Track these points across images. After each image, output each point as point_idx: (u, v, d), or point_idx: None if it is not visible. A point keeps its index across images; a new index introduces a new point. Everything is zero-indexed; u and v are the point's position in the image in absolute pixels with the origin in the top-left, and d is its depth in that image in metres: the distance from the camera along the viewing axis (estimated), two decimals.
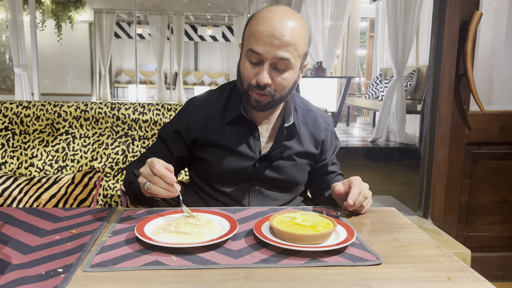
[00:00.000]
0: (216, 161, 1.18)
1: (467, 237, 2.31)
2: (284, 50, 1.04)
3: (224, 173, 1.18)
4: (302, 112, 1.26)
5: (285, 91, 1.12)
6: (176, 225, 0.87)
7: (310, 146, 1.24)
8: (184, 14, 9.45)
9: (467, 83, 2.17)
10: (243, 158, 1.18)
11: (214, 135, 1.18)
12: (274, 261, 0.78)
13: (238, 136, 1.18)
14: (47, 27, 8.88)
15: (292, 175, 1.22)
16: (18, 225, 0.93)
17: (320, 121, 1.29)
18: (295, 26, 1.06)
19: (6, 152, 1.59)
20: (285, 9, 1.09)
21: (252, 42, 1.07)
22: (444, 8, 2.21)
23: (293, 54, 1.06)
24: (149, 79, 11.17)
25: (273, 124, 1.22)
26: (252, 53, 1.07)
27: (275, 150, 1.18)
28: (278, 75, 1.08)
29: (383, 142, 5.17)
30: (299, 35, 1.06)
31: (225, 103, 1.21)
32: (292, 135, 1.21)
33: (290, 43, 1.04)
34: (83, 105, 1.62)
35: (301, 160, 1.23)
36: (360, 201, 1.02)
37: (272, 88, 1.09)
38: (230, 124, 1.18)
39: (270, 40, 1.04)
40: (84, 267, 0.74)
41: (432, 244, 0.88)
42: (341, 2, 6.08)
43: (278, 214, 0.94)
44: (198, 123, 1.20)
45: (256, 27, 1.06)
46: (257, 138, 1.19)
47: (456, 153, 2.25)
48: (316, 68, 5.57)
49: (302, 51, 1.09)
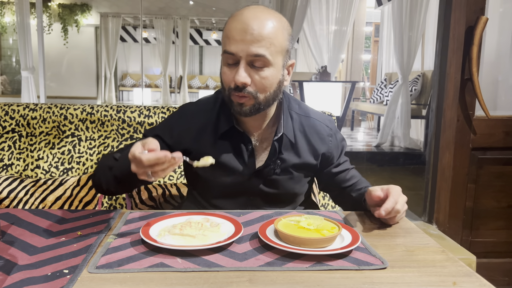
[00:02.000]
0: (211, 177, 1.14)
1: (472, 243, 2.29)
2: (258, 45, 0.99)
3: (219, 188, 1.15)
4: (299, 119, 1.18)
5: (268, 92, 1.05)
6: (181, 228, 0.87)
7: (309, 157, 1.17)
8: (190, 18, 9.49)
9: (472, 88, 2.17)
10: (237, 173, 1.13)
11: (207, 150, 1.11)
12: (279, 264, 0.78)
13: (231, 150, 1.13)
14: (54, 31, 8.95)
15: (289, 188, 1.17)
16: (24, 226, 0.94)
17: (321, 128, 1.20)
18: (269, 20, 1.02)
19: (12, 154, 1.60)
20: (259, 7, 1.05)
21: (226, 43, 1.03)
22: (449, 13, 2.21)
23: (270, 50, 1.01)
24: (154, 82, 11.22)
25: (266, 134, 1.16)
26: (227, 55, 1.03)
27: (268, 166, 1.13)
28: (256, 73, 1.02)
29: (388, 146, 5.16)
30: (274, 29, 1.01)
31: (218, 114, 1.15)
32: (288, 146, 1.15)
33: (264, 37, 1.00)
34: (89, 107, 1.63)
35: (299, 173, 1.17)
36: (391, 215, 0.98)
37: (252, 88, 1.03)
38: (223, 137, 1.13)
39: (242, 36, 1.00)
40: (90, 268, 0.74)
41: (437, 249, 0.88)
42: (346, 7, 6.10)
43: (282, 217, 0.94)
44: (191, 135, 1.15)
45: (228, 27, 1.03)
46: (250, 152, 1.13)
47: (461, 158, 2.24)
48: (320, 72, 5.57)
49: (280, 46, 1.03)
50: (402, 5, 4.65)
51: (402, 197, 1.00)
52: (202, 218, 0.95)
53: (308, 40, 6.09)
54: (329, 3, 6.26)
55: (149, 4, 9.16)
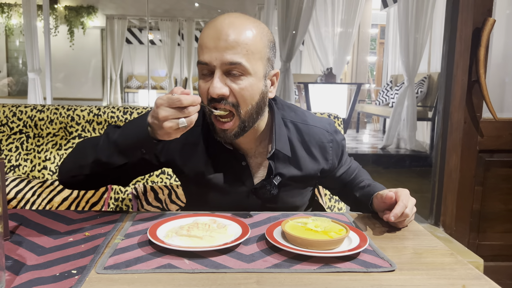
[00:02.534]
0: (207, 197, 1.10)
1: (479, 246, 2.28)
2: (232, 52, 0.91)
3: (217, 207, 1.08)
4: (296, 127, 1.11)
5: (249, 105, 0.96)
6: (188, 229, 0.87)
7: (309, 168, 1.11)
8: (195, 20, 9.52)
9: (479, 90, 2.16)
10: (234, 193, 1.08)
11: (200, 171, 1.07)
12: (287, 266, 0.78)
13: (225, 168, 1.07)
14: (60, 33, 9.01)
15: (290, 201, 1.12)
16: (32, 227, 0.94)
17: (321, 136, 1.13)
18: (245, 25, 0.94)
19: (20, 155, 1.61)
20: (236, 13, 0.97)
21: (199, 53, 0.95)
22: (456, 15, 2.20)
23: (247, 57, 0.93)
24: (159, 84, 11.26)
25: (261, 148, 1.09)
26: (201, 66, 0.95)
27: (263, 188, 1.05)
28: (234, 83, 0.94)
29: (394, 149, 5.14)
30: (251, 34, 0.94)
31: (208, 131, 1.06)
32: (286, 160, 1.08)
33: (240, 43, 0.92)
34: (96, 109, 1.64)
35: (299, 185, 1.13)
36: (400, 219, 0.96)
37: (231, 100, 0.94)
38: (216, 156, 1.07)
39: (215, 43, 0.92)
40: (98, 269, 0.74)
41: (446, 252, 0.87)
42: (351, 9, 6.09)
43: (290, 219, 0.94)
44: (177, 146, 1.07)
45: (202, 35, 0.95)
46: (246, 169, 1.07)
47: (468, 160, 2.23)
48: (326, 74, 5.56)
49: (259, 53, 0.95)
50: (408, 6, 4.64)
51: (411, 201, 0.99)
52: (209, 220, 0.95)
53: (314, 42, 6.09)
54: (335, 5, 6.25)
55: (155, 6, 9.20)
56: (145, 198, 1.48)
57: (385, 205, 1.01)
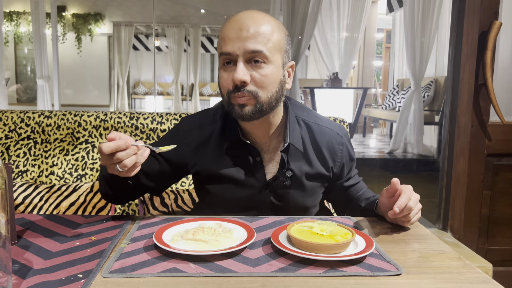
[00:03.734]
0: (219, 192, 1.13)
1: (488, 251, 2.25)
2: (254, 41, 0.98)
3: (229, 203, 1.12)
4: (308, 126, 1.15)
5: (270, 92, 1.01)
6: (193, 233, 0.87)
7: (320, 167, 1.14)
8: (201, 26, 9.58)
9: (486, 93, 2.14)
10: (247, 187, 1.11)
11: (213, 166, 1.11)
12: (292, 270, 0.77)
13: (239, 163, 1.10)
14: (68, 40, 9.11)
15: (300, 201, 1.14)
16: (39, 231, 0.95)
17: (331, 136, 1.16)
18: (264, 19, 1.01)
19: (27, 160, 1.62)
20: (254, 10, 1.04)
21: (221, 46, 1.02)
22: (462, 18, 2.20)
23: (267, 46, 0.99)
24: (166, 90, 11.32)
25: (274, 144, 1.13)
26: (224, 56, 1.01)
27: (277, 179, 1.10)
28: (255, 71, 0.99)
29: (401, 153, 5.11)
30: (270, 27, 1.01)
31: (222, 128, 1.12)
32: (298, 156, 1.11)
33: (260, 33, 0.99)
34: (102, 114, 1.65)
35: (311, 183, 1.14)
36: (404, 212, 0.95)
37: (252, 87, 0.99)
38: (229, 151, 1.10)
39: (238, 34, 0.98)
40: (104, 273, 0.75)
41: (453, 255, 0.87)
42: (357, 14, 6.09)
43: (295, 223, 0.93)
44: (188, 148, 1.13)
45: (223, 29, 1.03)
46: (259, 164, 1.10)
47: (476, 164, 2.21)
48: (332, 79, 5.56)
49: (278, 44, 1.02)
50: (414, 11, 4.63)
51: (415, 195, 0.99)
52: (215, 224, 0.95)
53: (319, 47, 6.09)
54: (340, 10, 6.26)
55: (161, 13, 9.27)
56: (151, 203, 1.48)
57: (389, 201, 1.01)
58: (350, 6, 6.17)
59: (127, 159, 0.89)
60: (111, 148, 0.87)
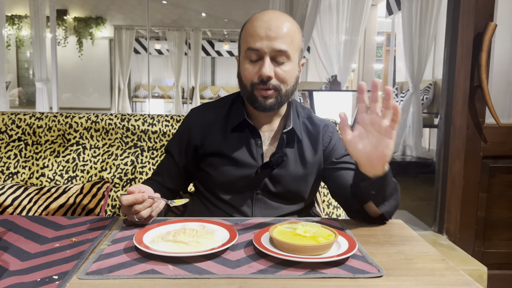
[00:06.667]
0: (218, 171, 1.19)
1: (485, 254, 2.23)
2: (281, 41, 1.08)
3: (226, 181, 1.18)
4: (304, 121, 1.25)
5: (289, 86, 1.13)
6: (174, 234, 0.86)
7: (311, 156, 1.22)
8: (202, 30, 9.60)
9: (482, 95, 2.13)
10: (245, 166, 1.17)
11: (217, 144, 1.19)
12: (272, 272, 0.76)
13: (241, 143, 1.19)
14: (69, 43, 9.14)
15: (293, 186, 1.19)
16: (21, 233, 0.94)
17: (324, 125, 1.26)
18: (288, 20, 1.12)
19: (18, 162, 1.62)
20: (276, 10, 1.15)
21: (249, 41, 1.10)
22: (457, 20, 2.19)
23: (291, 46, 1.10)
24: (166, 93, 11.33)
25: (275, 131, 1.22)
26: (251, 52, 1.10)
27: (275, 155, 1.17)
28: (278, 67, 1.10)
29: (399, 156, 5.09)
30: (293, 28, 1.12)
31: (228, 111, 1.23)
32: (293, 142, 1.20)
33: (285, 34, 1.09)
34: (93, 116, 1.65)
35: (303, 171, 1.20)
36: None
37: (275, 82, 1.11)
38: (234, 131, 1.19)
39: (267, 34, 1.08)
40: (80, 274, 0.74)
41: (437, 257, 0.85)
42: (356, 17, 6.08)
43: (279, 224, 0.92)
44: (197, 129, 1.22)
45: (252, 27, 1.11)
46: (259, 145, 1.19)
47: (472, 166, 2.19)
48: (331, 82, 5.55)
49: (298, 44, 1.13)
50: (412, 14, 4.62)
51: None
52: (198, 225, 0.94)
53: (318, 50, 6.09)
54: (340, 13, 6.25)
55: (163, 17, 9.30)
56: None
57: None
58: (350, 9, 6.16)
59: (143, 211, 0.97)
60: (129, 201, 0.95)
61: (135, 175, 1.63)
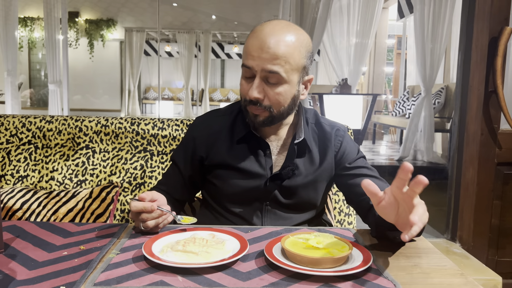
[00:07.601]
0: (226, 182, 1.15)
1: (499, 262, 2.18)
2: (272, 63, 1.02)
3: (234, 193, 1.15)
4: (312, 127, 1.21)
5: (282, 107, 1.08)
6: (184, 244, 0.84)
7: (322, 162, 1.18)
8: (212, 32, 9.62)
9: (497, 101, 2.09)
10: (253, 177, 1.14)
11: (223, 155, 1.15)
12: (284, 285, 0.74)
13: (248, 154, 1.15)
14: (80, 45, 9.22)
15: (303, 195, 1.16)
16: (29, 239, 0.93)
17: (333, 131, 1.20)
18: (286, 38, 1.03)
19: (28, 165, 1.62)
20: (279, 23, 1.06)
21: (244, 57, 1.07)
22: (472, 24, 2.15)
23: (284, 67, 1.03)
24: (176, 95, 11.37)
25: (283, 140, 1.18)
26: (245, 68, 1.07)
27: (286, 168, 1.13)
28: (270, 89, 1.05)
29: (411, 160, 5.03)
30: (290, 48, 1.03)
31: (234, 120, 1.19)
32: (303, 153, 1.16)
33: (279, 55, 1.02)
34: (103, 120, 1.64)
35: (313, 179, 1.17)
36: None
37: (266, 103, 1.06)
38: (240, 142, 1.15)
39: (259, 53, 1.03)
40: (87, 285, 0.72)
41: (455, 272, 0.82)
42: (367, 20, 6.05)
43: (290, 234, 0.90)
44: (202, 140, 1.19)
45: (248, 42, 1.06)
46: (268, 156, 1.15)
47: (486, 173, 2.15)
48: (341, 85, 5.51)
49: (296, 64, 1.05)
50: (424, 17, 4.57)
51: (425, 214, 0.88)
52: (208, 234, 0.92)
53: (328, 53, 6.06)
54: (350, 16, 6.22)
55: (173, 19, 9.33)
56: None
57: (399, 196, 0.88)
58: (361, 12, 6.13)
59: (150, 221, 0.95)
60: (138, 208, 0.94)
61: (144, 180, 1.61)
